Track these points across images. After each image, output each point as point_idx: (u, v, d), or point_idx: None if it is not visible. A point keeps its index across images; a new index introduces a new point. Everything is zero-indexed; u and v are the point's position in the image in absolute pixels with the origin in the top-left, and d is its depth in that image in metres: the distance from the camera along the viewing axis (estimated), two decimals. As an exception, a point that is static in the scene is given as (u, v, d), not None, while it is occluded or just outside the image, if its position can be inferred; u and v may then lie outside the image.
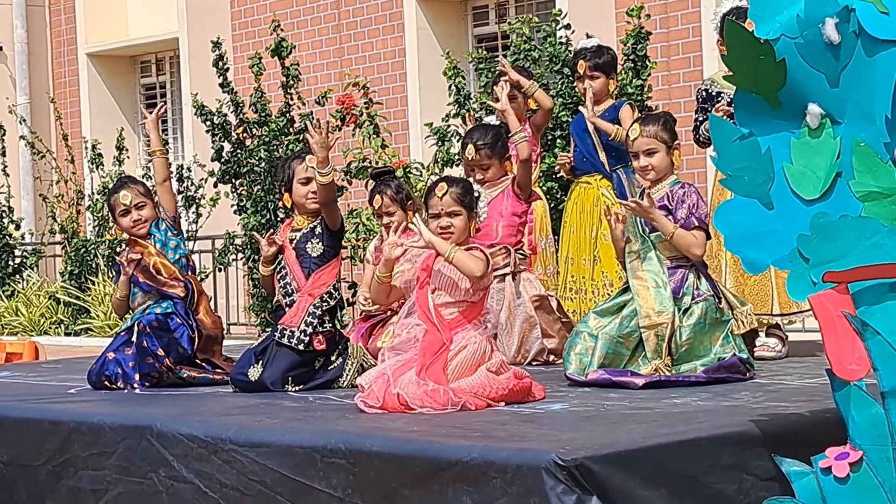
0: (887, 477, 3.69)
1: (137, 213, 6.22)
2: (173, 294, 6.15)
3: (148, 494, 4.63)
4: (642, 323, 5.49)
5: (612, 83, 7.21)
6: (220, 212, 12.03)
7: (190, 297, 6.17)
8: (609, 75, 7.17)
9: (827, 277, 3.76)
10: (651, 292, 5.51)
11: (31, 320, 12.88)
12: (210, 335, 6.19)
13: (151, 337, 6.01)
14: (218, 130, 10.97)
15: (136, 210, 6.22)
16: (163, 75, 16.14)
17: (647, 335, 5.48)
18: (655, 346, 5.46)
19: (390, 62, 12.97)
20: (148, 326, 6.04)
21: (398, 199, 6.61)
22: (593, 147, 7.16)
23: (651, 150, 5.67)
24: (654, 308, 5.48)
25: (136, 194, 6.24)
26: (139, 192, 6.27)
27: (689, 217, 5.58)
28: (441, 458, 3.85)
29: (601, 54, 7.18)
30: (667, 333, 5.45)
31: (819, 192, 3.79)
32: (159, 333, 6.04)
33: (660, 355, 5.44)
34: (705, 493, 3.85)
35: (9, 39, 16.38)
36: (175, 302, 6.14)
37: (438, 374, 4.83)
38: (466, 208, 5.12)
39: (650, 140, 5.68)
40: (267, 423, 4.54)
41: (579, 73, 7.19)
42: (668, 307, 5.47)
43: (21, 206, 15.50)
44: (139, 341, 6.00)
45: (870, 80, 3.69)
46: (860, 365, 3.73)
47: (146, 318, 6.10)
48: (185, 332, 6.09)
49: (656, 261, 5.57)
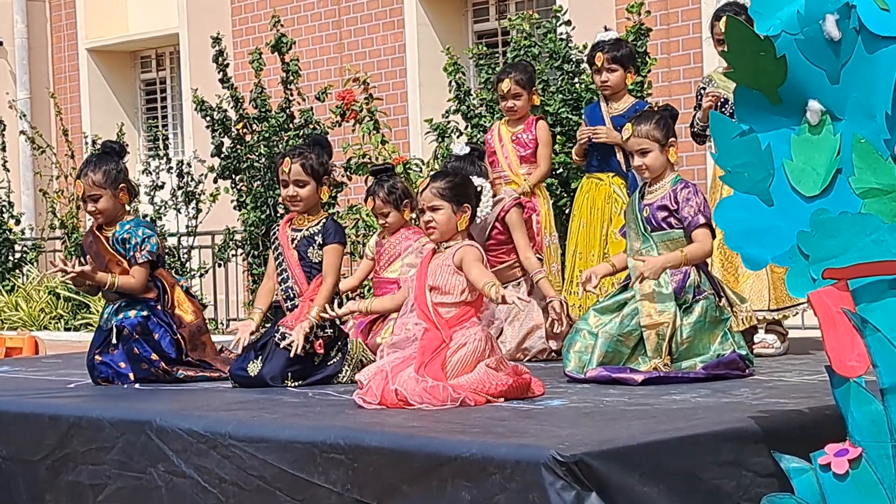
0: (886, 474, 3.69)
1: (92, 204, 5.95)
2: (144, 298, 5.93)
3: (147, 489, 4.62)
4: (643, 322, 5.48)
5: (629, 76, 7.19)
6: (219, 207, 12.03)
7: (162, 295, 5.97)
8: (627, 68, 7.15)
9: (827, 274, 3.75)
10: (653, 292, 5.50)
11: (30, 315, 12.89)
12: (193, 330, 5.99)
13: (140, 342, 5.86)
14: (218, 126, 10.98)
15: (91, 202, 5.94)
16: (163, 71, 16.15)
17: (647, 334, 5.47)
18: (656, 345, 5.45)
19: (390, 58, 12.97)
20: (133, 332, 5.86)
21: (391, 201, 6.61)
22: (610, 146, 7.12)
23: (644, 150, 5.65)
24: (656, 308, 5.47)
25: (90, 185, 5.93)
26: (93, 182, 5.92)
27: (696, 215, 5.55)
28: (440, 454, 3.85)
29: (619, 47, 7.17)
30: (667, 333, 5.44)
31: (819, 189, 3.79)
32: (146, 338, 5.88)
33: (660, 354, 5.44)
34: (704, 490, 3.85)
35: (9, 34, 16.38)
36: (150, 304, 5.93)
37: (437, 371, 4.82)
38: (451, 201, 5.08)
39: (642, 140, 5.65)
40: (266, 419, 4.54)
41: (597, 65, 7.17)
42: (669, 307, 5.47)
43: (21, 201, 15.52)
44: (129, 348, 5.85)
45: (870, 76, 3.69)
46: (860, 362, 3.73)
47: (128, 322, 5.88)
48: (167, 336, 5.92)
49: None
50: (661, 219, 5.63)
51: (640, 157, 5.66)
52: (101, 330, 6.01)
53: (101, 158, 6.05)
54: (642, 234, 5.63)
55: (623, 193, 7.03)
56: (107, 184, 5.94)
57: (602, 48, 7.17)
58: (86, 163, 6.08)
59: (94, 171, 5.95)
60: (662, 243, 5.61)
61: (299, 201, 5.73)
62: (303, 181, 5.71)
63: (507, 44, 10.06)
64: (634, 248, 5.64)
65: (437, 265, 5.05)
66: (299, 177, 5.71)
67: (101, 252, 5.99)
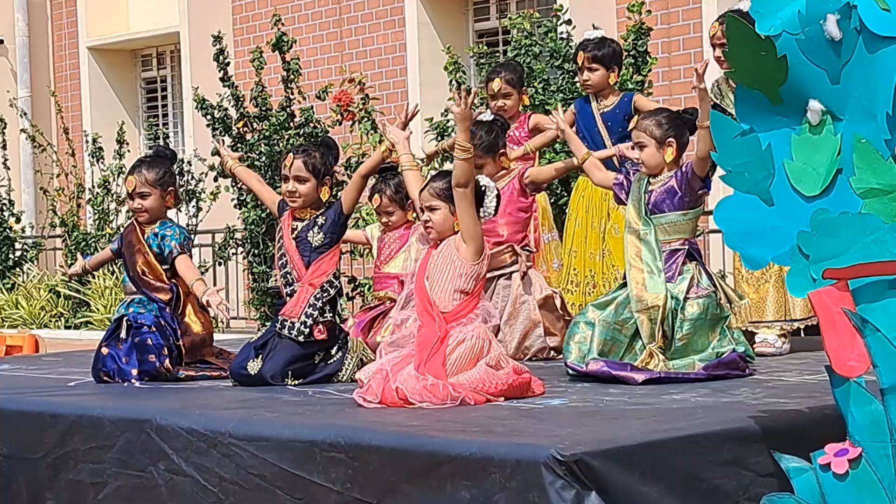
0: (886, 473, 3.69)
1: (139, 200, 6.12)
2: (157, 298, 6.02)
3: (147, 488, 4.62)
4: (635, 308, 5.50)
5: (612, 76, 7.16)
6: (220, 206, 12.04)
7: (175, 302, 6.03)
8: (609, 68, 7.13)
9: (827, 274, 3.76)
10: (644, 276, 5.52)
11: (31, 313, 12.89)
12: (196, 340, 6.05)
13: (156, 335, 5.93)
14: (218, 124, 10.99)
15: (139, 198, 6.12)
16: (164, 69, 16.14)
17: (640, 319, 5.49)
18: (650, 330, 5.47)
19: (391, 57, 12.97)
20: (152, 325, 5.94)
21: (396, 199, 6.62)
22: (603, 143, 7.13)
23: (640, 144, 5.69)
24: (647, 291, 5.50)
25: (142, 183, 6.11)
26: (146, 180, 6.11)
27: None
28: (440, 453, 3.85)
29: (602, 46, 7.15)
30: (659, 317, 5.46)
31: (819, 189, 3.79)
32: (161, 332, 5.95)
33: (654, 339, 5.45)
34: (704, 489, 3.85)
35: (10, 32, 16.38)
36: (160, 307, 6.00)
37: (437, 369, 4.83)
38: (449, 202, 5.08)
39: (639, 133, 5.70)
40: (266, 417, 4.54)
41: (579, 64, 7.17)
42: (660, 290, 5.49)
43: (22, 200, 15.52)
44: (143, 339, 5.92)
45: (871, 76, 3.69)
46: (860, 361, 3.73)
47: (145, 318, 5.97)
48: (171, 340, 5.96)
49: (654, 246, 5.57)
50: (661, 200, 5.63)
51: (637, 150, 5.70)
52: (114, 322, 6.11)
53: (155, 160, 6.26)
54: (644, 217, 5.64)
55: None
56: (158, 184, 6.13)
57: (585, 47, 7.17)
58: (140, 161, 6.29)
59: (148, 170, 6.15)
60: (660, 226, 5.62)
61: (298, 197, 5.74)
62: (303, 178, 5.72)
63: (508, 43, 10.06)
64: (633, 228, 5.65)
65: (436, 261, 5.05)
66: (300, 173, 5.72)
67: (132, 242, 6.13)
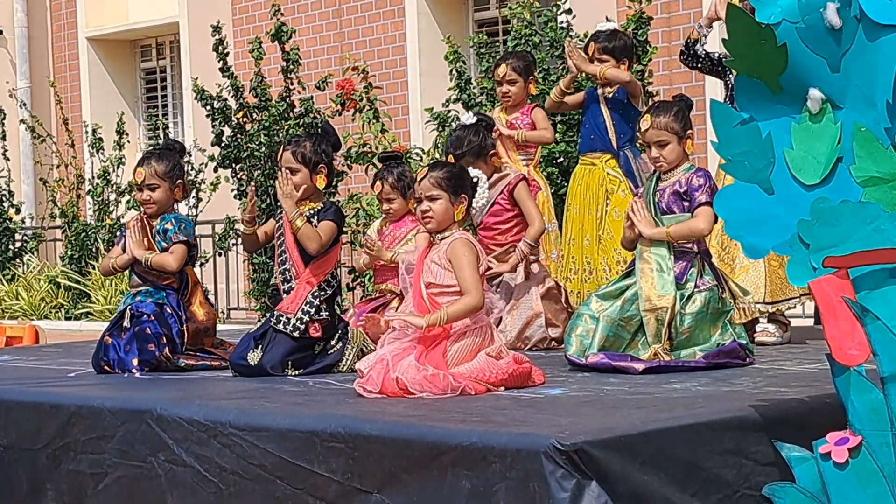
0: (886, 462, 3.69)
1: (148, 192, 6.12)
2: (165, 286, 6.06)
3: (147, 478, 4.63)
4: (643, 307, 5.48)
5: (622, 67, 7.20)
6: (220, 196, 12.03)
7: (182, 289, 6.08)
8: (619, 59, 7.16)
9: (827, 262, 3.75)
10: (654, 276, 5.50)
11: (31, 304, 12.89)
12: (199, 328, 6.09)
13: (155, 324, 5.95)
14: (218, 115, 10.97)
15: (147, 189, 6.12)
16: (163, 59, 16.13)
17: (647, 319, 5.47)
18: (655, 330, 5.45)
19: (391, 47, 12.95)
20: (152, 314, 5.96)
21: (398, 187, 6.60)
22: (604, 124, 7.17)
23: (662, 142, 5.62)
24: (656, 292, 5.47)
25: (151, 174, 6.11)
26: (155, 171, 6.11)
27: (701, 195, 5.50)
28: (441, 443, 3.85)
29: (613, 38, 7.20)
30: (667, 318, 5.44)
31: (819, 178, 3.79)
32: (160, 321, 5.97)
33: (659, 340, 5.43)
34: (704, 478, 3.85)
35: (9, 23, 16.36)
36: (168, 293, 6.05)
37: (438, 359, 4.82)
38: (449, 192, 5.07)
39: (660, 132, 5.60)
40: (266, 408, 4.54)
41: (589, 54, 7.21)
42: (669, 291, 5.46)
43: (21, 190, 15.51)
44: (142, 328, 5.94)
45: (871, 64, 3.68)
46: (860, 350, 3.73)
47: (146, 307, 6.00)
48: (176, 325, 6.00)
49: (665, 244, 5.55)
50: (671, 202, 5.61)
51: (657, 149, 5.62)
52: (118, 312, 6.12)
53: (165, 152, 6.26)
54: (655, 218, 5.62)
55: (617, 172, 7.07)
56: (167, 176, 6.13)
57: (596, 38, 7.23)
58: (149, 153, 6.29)
59: (157, 162, 6.15)
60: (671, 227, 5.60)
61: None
62: (293, 168, 5.72)
63: (508, 32, 10.04)
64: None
65: (432, 260, 5.04)
66: (289, 164, 5.73)
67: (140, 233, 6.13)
